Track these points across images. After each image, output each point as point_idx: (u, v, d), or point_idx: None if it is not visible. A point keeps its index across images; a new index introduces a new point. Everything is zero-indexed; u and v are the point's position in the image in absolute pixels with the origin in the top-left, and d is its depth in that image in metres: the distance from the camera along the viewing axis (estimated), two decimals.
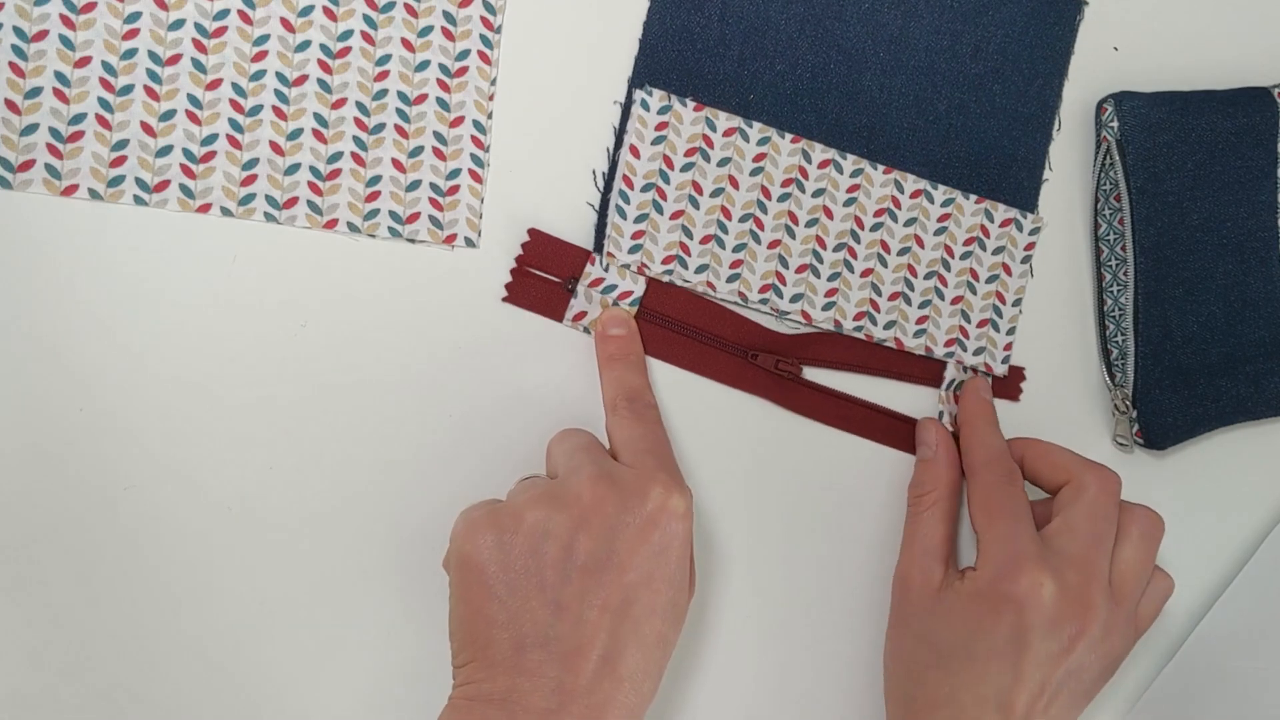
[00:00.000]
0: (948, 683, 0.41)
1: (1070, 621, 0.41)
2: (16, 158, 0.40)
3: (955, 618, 0.42)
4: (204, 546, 0.42)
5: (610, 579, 0.36)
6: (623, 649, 0.36)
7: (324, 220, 0.43)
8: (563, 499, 0.37)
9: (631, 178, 0.45)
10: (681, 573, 0.38)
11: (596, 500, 0.37)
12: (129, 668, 0.41)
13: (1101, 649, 0.43)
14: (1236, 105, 0.49)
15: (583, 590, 0.36)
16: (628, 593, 0.36)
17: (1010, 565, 0.42)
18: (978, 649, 0.41)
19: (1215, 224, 0.49)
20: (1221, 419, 0.51)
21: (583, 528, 0.36)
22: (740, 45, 0.46)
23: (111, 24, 0.41)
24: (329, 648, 0.43)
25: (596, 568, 0.36)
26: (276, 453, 0.42)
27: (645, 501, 0.37)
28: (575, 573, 0.36)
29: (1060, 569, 0.42)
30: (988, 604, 0.41)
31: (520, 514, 0.37)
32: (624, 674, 0.36)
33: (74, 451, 0.41)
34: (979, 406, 0.47)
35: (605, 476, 0.37)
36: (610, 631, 0.36)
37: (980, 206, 0.48)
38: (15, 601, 0.40)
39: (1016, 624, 0.41)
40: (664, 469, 0.39)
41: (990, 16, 0.48)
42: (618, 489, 0.37)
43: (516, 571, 0.36)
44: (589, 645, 0.35)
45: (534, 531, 0.36)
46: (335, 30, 0.43)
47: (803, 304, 0.46)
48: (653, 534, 0.37)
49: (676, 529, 0.38)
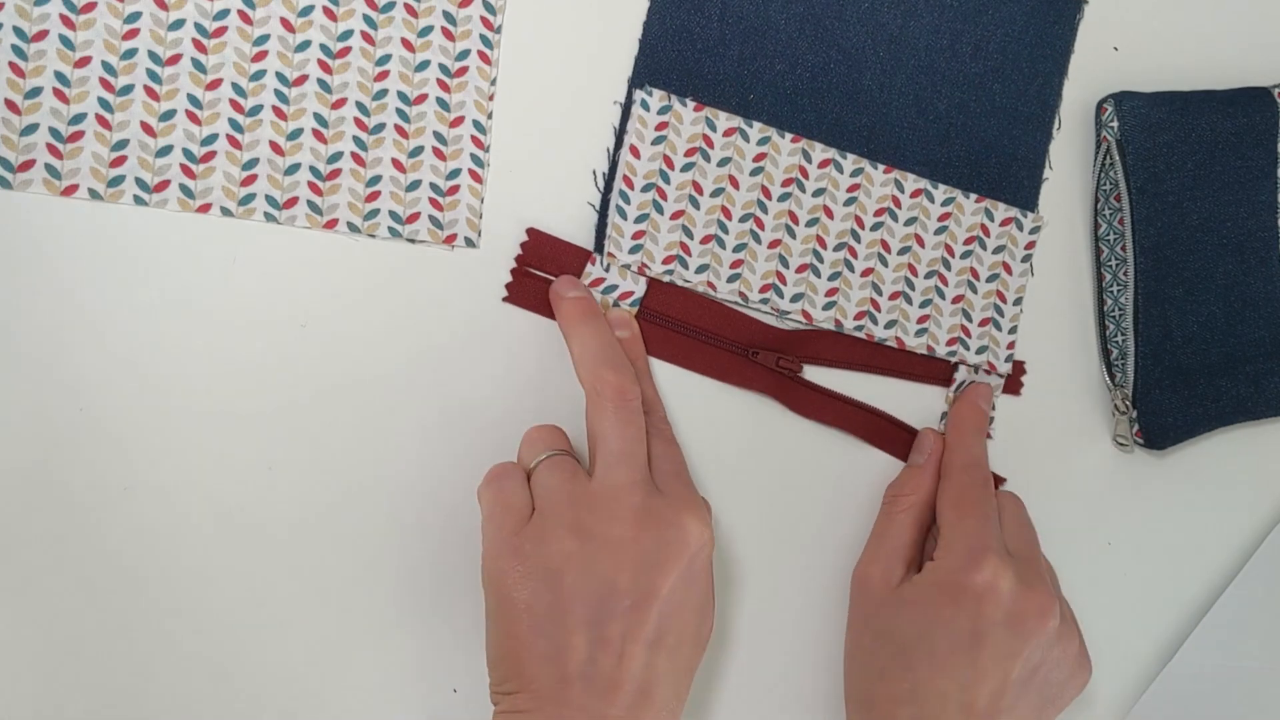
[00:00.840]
0: (908, 678, 0.41)
1: (1029, 618, 0.42)
2: (16, 158, 0.40)
3: (915, 609, 0.43)
4: (204, 546, 0.42)
5: (649, 614, 0.37)
6: (658, 679, 0.37)
7: (324, 220, 0.43)
8: (602, 532, 0.37)
9: (632, 178, 0.45)
10: (707, 600, 0.40)
11: (636, 535, 0.38)
12: (129, 668, 0.41)
13: (1059, 649, 0.43)
14: (1236, 105, 0.49)
15: (624, 627, 0.37)
16: (662, 624, 0.38)
17: (972, 557, 0.42)
18: (938, 643, 0.41)
19: (1215, 224, 0.50)
20: (1221, 419, 0.51)
21: (624, 566, 0.37)
22: (740, 45, 0.46)
23: (111, 24, 0.41)
24: (329, 647, 0.43)
25: (636, 604, 0.37)
26: (276, 453, 0.42)
27: (683, 538, 0.38)
28: (617, 611, 0.37)
29: (1018, 567, 0.43)
30: (947, 594, 0.42)
31: (556, 547, 0.37)
32: (658, 701, 0.37)
33: (74, 451, 0.41)
34: (972, 413, 0.48)
35: (644, 511, 0.38)
36: (647, 663, 0.37)
37: (980, 205, 0.48)
38: (15, 601, 0.40)
39: (975, 616, 0.41)
40: (693, 496, 0.40)
41: (990, 15, 0.48)
42: (655, 521, 0.38)
43: (560, 608, 0.37)
44: (628, 678, 0.37)
45: (578, 569, 0.37)
46: (335, 30, 0.43)
47: (803, 304, 0.46)
48: (687, 567, 0.38)
49: (703, 560, 0.39)
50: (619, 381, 0.40)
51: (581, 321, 0.43)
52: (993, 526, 0.44)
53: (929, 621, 0.42)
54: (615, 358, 0.41)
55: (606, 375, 0.40)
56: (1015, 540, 0.45)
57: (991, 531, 0.44)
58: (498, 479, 0.40)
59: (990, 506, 0.45)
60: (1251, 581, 0.52)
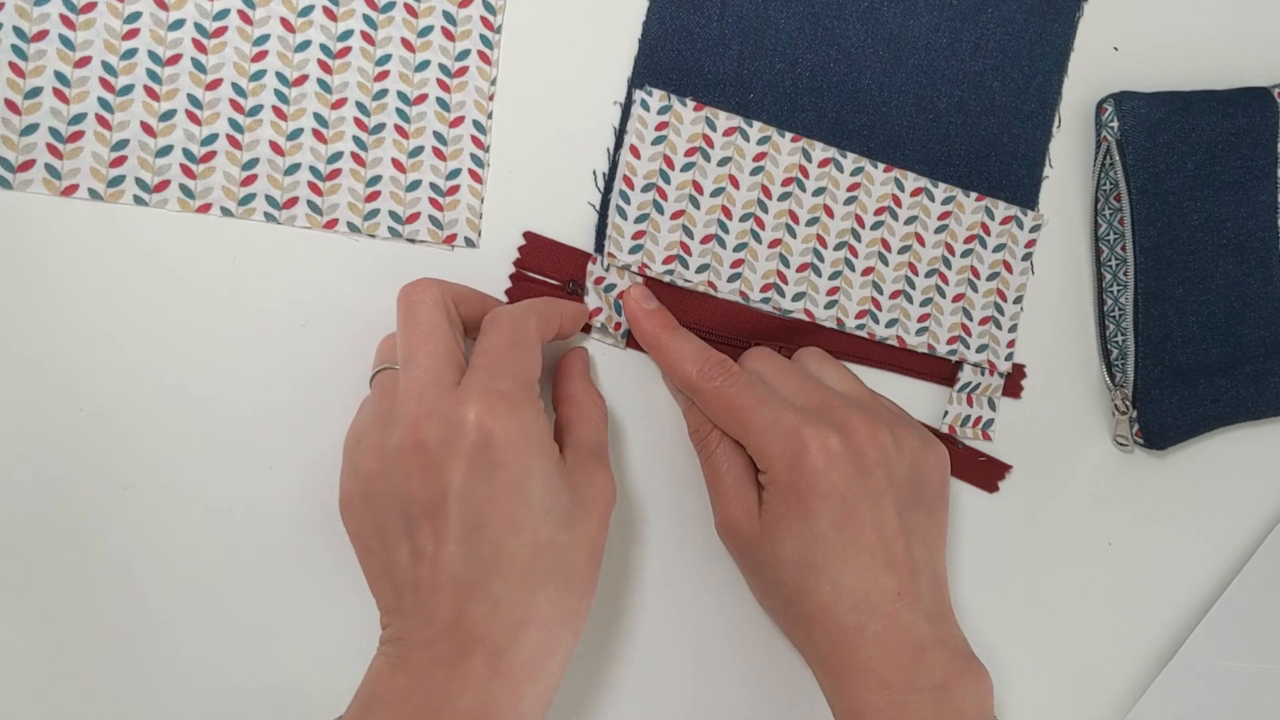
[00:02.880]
0: (825, 583, 0.40)
1: (866, 453, 0.41)
2: (16, 158, 0.40)
3: (785, 526, 0.41)
4: (203, 546, 0.42)
5: (447, 511, 0.36)
6: (486, 573, 0.36)
7: (324, 220, 0.43)
8: (391, 445, 0.37)
9: (632, 178, 0.45)
10: (537, 487, 0.37)
11: (415, 436, 0.36)
12: (128, 667, 0.41)
13: (907, 452, 0.42)
14: (1236, 105, 0.49)
15: (432, 531, 0.36)
16: (470, 517, 0.36)
17: (787, 450, 0.40)
18: (826, 537, 0.40)
19: (1215, 224, 0.50)
20: (1221, 419, 0.51)
21: (413, 472, 0.36)
22: (740, 45, 0.46)
23: (111, 24, 0.41)
24: (329, 647, 0.43)
25: (434, 505, 0.36)
26: (276, 453, 0.42)
27: (462, 429, 0.36)
28: (420, 518, 0.36)
29: (825, 416, 0.41)
30: (797, 496, 0.40)
31: (363, 466, 0.38)
32: (499, 596, 0.36)
33: (74, 451, 0.41)
34: (651, 322, 0.44)
35: (421, 411, 0.37)
36: (468, 560, 0.36)
37: (981, 204, 0.48)
38: (14, 601, 0.40)
39: (830, 492, 0.40)
40: (487, 384, 0.37)
41: (989, 14, 0.48)
42: (434, 418, 0.37)
43: (378, 530, 0.38)
44: (451, 579, 0.36)
45: (381, 490, 0.37)
46: (335, 30, 0.43)
47: (805, 303, 0.46)
48: (475, 457, 0.36)
49: (502, 451, 0.37)
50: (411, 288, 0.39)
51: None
52: (771, 404, 0.41)
53: (805, 529, 0.40)
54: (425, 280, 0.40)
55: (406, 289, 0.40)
56: (799, 388, 0.43)
57: (775, 409, 0.41)
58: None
59: (750, 388, 0.42)
60: (1251, 581, 0.52)
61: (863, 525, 0.40)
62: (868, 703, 0.39)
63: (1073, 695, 0.51)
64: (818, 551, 0.40)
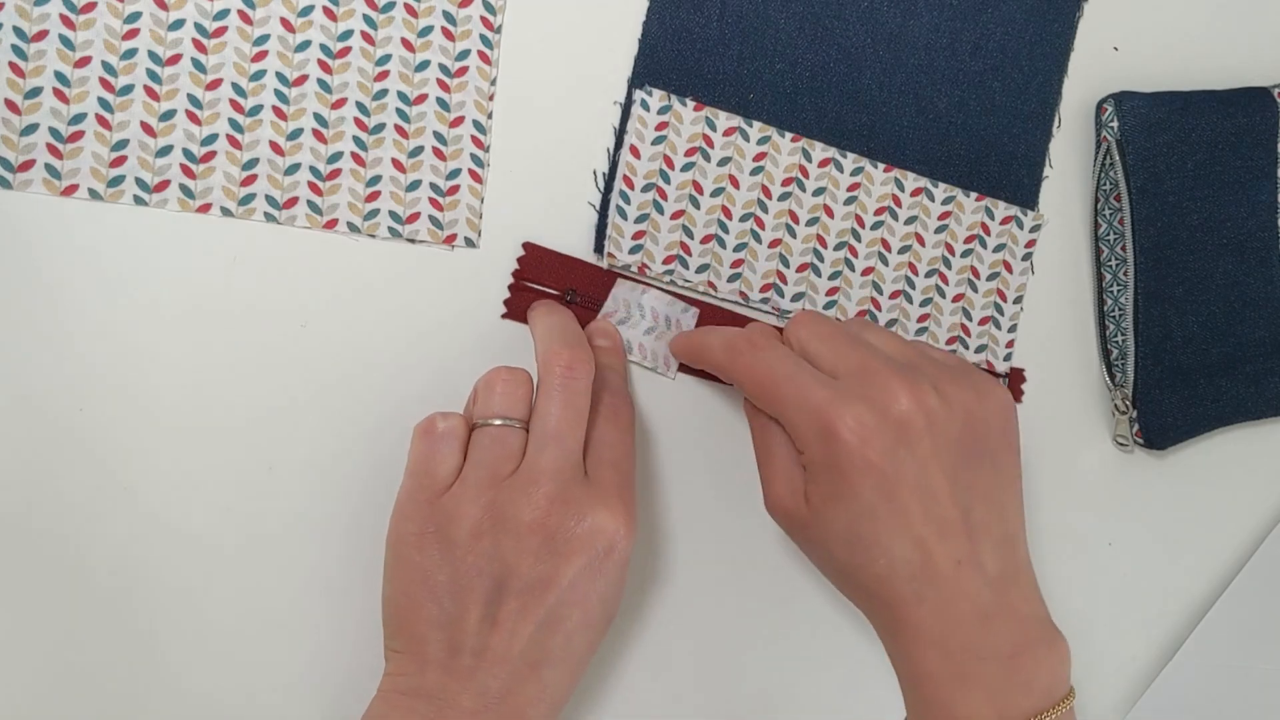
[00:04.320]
0: (880, 555, 0.38)
1: (911, 421, 0.38)
2: (16, 158, 0.40)
3: (832, 505, 0.39)
4: (203, 546, 0.42)
5: (544, 599, 0.37)
6: (548, 659, 0.38)
7: (324, 220, 0.43)
8: (514, 515, 0.37)
9: (632, 178, 0.45)
10: (614, 592, 0.39)
11: (544, 522, 0.37)
12: (128, 667, 0.41)
13: (960, 407, 0.39)
14: (1236, 105, 0.49)
15: (519, 608, 0.37)
16: (560, 609, 0.38)
17: (821, 430, 0.38)
18: (875, 512, 0.38)
19: (1215, 224, 0.50)
20: (1221, 419, 0.51)
21: (526, 552, 0.37)
22: (740, 44, 0.46)
23: (111, 24, 0.41)
24: (329, 647, 0.43)
25: (532, 588, 0.37)
26: (276, 453, 0.42)
27: (593, 531, 0.38)
28: (514, 593, 0.37)
29: (855, 390, 0.39)
30: (839, 473, 0.38)
31: (468, 526, 0.38)
32: (547, 681, 0.38)
33: (74, 451, 0.41)
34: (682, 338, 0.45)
35: (560, 498, 0.38)
36: (540, 645, 0.37)
37: (981, 204, 0.48)
38: (14, 600, 0.40)
39: (872, 467, 0.38)
40: (616, 490, 0.39)
41: (989, 14, 0.48)
42: (569, 510, 0.38)
43: (458, 584, 0.37)
44: (518, 656, 0.37)
45: (483, 553, 0.37)
46: (335, 30, 0.43)
47: (804, 303, 0.46)
48: (591, 560, 0.38)
49: (615, 556, 0.39)
50: (570, 356, 0.40)
51: (546, 312, 0.43)
52: (802, 379, 0.39)
53: (851, 505, 0.38)
54: (571, 336, 0.41)
55: (559, 349, 0.40)
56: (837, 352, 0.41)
57: (806, 385, 0.39)
58: (434, 439, 0.39)
59: (781, 363, 0.40)
60: (1251, 581, 0.52)
61: (910, 496, 0.38)
62: (932, 671, 0.38)
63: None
64: (865, 527, 0.38)
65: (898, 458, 0.38)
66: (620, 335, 0.45)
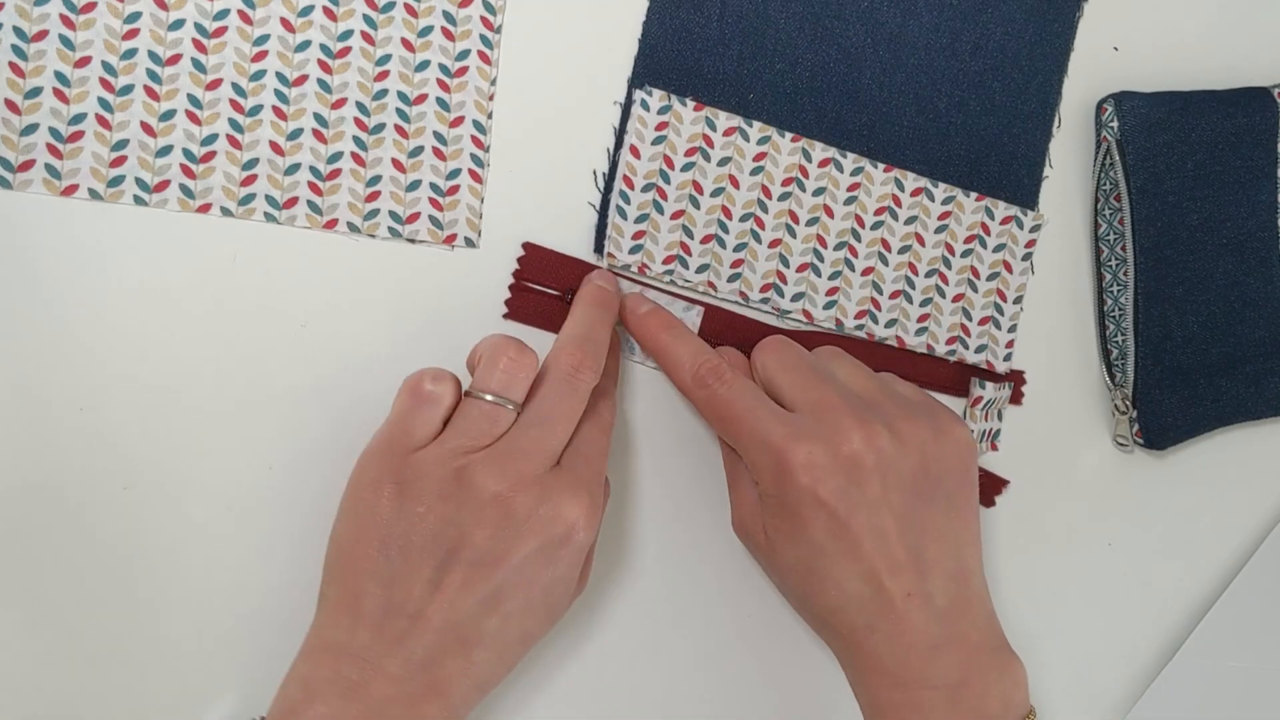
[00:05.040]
0: (830, 587, 0.40)
1: (860, 461, 0.39)
2: (16, 158, 0.40)
3: (785, 539, 0.41)
4: (203, 547, 0.42)
5: (491, 576, 0.37)
6: (481, 638, 0.37)
7: (324, 220, 0.43)
8: (481, 485, 0.37)
9: (632, 178, 0.45)
10: (562, 585, 0.39)
11: (509, 498, 0.37)
12: (127, 667, 0.41)
13: (907, 449, 0.40)
14: (1236, 105, 0.49)
15: (465, 580, 0.37)
16: (504, 589, 0.37)
17: (774, 463, 0.40)
18: (824, 547, 0.39)
19: (1215, 224, 0.50)
20: (1221, 419, 0.51)
21: (485, 524, 0.37)
22: (740, 44, 0.46)
23: (111, 24, 0.41)
24: None
25: (485, 561, 0.37)
26: (276, 453, 0.42)
27: (554, 516, 0.38)
28: (463, 563, 0.37)
29: (810, 428, 0.40)
30: (791, 511, 0.40)
31: (433, 486, 0.37)
32: (476, 660, 0.37)
33: (74, 451, 0.41)
34: (646, 326, 0.44)
35: (529, 479, 0.38)
36: (476, 621, 0.37)
37: (981, 204, 0.48)
38: (14, 600, 0.40)
39: (822, 504, 0.39)
40: (585, 481, 0.39)
41: (989, 14, 0.48)
42: (535, 492, 0.38)
43: (410, 542, 0.37)
44: (451, 628, 0.37)
45: (442, 515, 0.37)
46: (335, 30, 0.43)
47: (804, 303, 0.46)
48: (549, 546, 0.38)
49: (572, 544, 0.38)
50: (579, 359, 0.40)
51: (594, 302, 0.43)
52: (762, 413, 0.41)
53: (802, 540, 0.40)
54: (596, 341, 0.41)
55: (578, 349, 0.40)
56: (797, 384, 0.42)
57: (765, 419, 0.40)
58: (419, 400, 0.39)
59: (744, 395, 0.41)
60: (1251, 581, 0.52)
61: (861, 535, 0.39)
62: (886, 700, 0.40)
63: (1073, 695, 0.51)
64: (817, 561, 0.40)
65: (849, 496, 0.39)
66: (621, 337, 0.45)
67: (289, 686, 0.37)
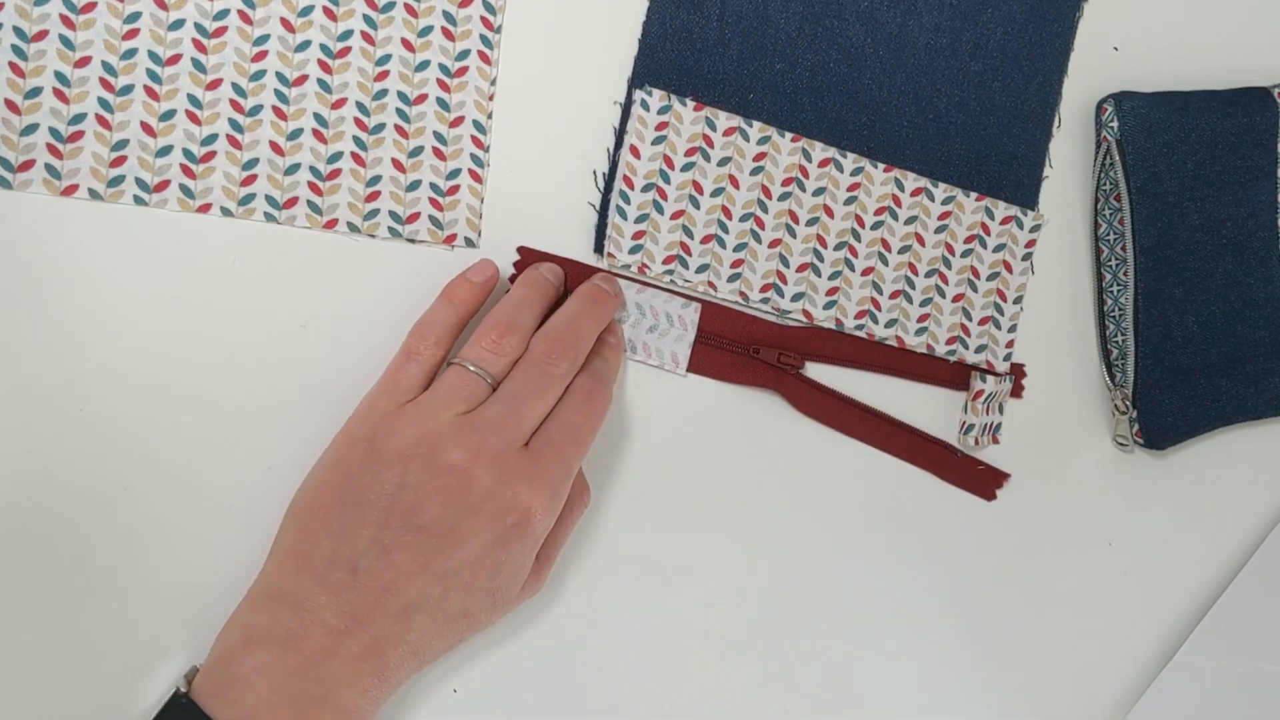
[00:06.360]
0: None
1: None
2: (16, 158, 0.40)
3: None
4: (203, 547, 0.42)
5: (442, 545, 0.37)
6: (422, 605, 0.38)
7: (324, 220, 0.43)
8: (444, 458, 0.38)
9: (632, 178, 0.45)
10: (511, 569, 0.39)
11: (468, 475, 0.38)
12: (127, 668, 0.41)
13: None
14: (1236, 105, 0.49)
15: (412, 544, 0.37)
16: (449, 562, 0.38)
17: None
18: None
19: (1215, 224, 0.49)
20: (1221, 419, 0.51)
21: (436, 498, 0.37)
22: (740, 44, 0.46)
23: (111, 24, 0.41)
24: None
25: (433, 530, 0.37)
26: (276, 453, 0.42)
27: (510, 503, 0.38)
28: (412, 528, 0.37)
29: None
30: None
31: (399, 445, 0.38)
32: (415, 626, 0.38)
33: (73, 451, 0.41)
34: None
35: (491, 458, 0.38)
36: (419, 588, 0.37)
37: (981, 204, 0.48)
38: (13, 601, 0.40)
39: None
40: (547, 470, 0.39)
41: (989, 14, 0.48)
42: (495, 473, 0.38)
43: (365, 498, 0.38)
44: (393, 589, 0.37)
45: (400, 477, 0.38)
46: (335, 30, 0.43)
47: (804, 303, 0.46)
48: (500, 527, 0.38)
49: (523, 532, 0.39)
50: (549, 347, 0.40)
51: (590, 300, 0.43)
52: None
53: None
54: (572, 334, 0.41)
55: (557, 339, 0.41)
56: None
57: None
58: (409, 360, 0.40)
59: None
60: (1251, 581, 0.52)
61: None
62: None
63: (1073, 695, 0.51)
64: None
65: None
66: (623, 335, 0.45)
67: (229, 630, 0.38)
